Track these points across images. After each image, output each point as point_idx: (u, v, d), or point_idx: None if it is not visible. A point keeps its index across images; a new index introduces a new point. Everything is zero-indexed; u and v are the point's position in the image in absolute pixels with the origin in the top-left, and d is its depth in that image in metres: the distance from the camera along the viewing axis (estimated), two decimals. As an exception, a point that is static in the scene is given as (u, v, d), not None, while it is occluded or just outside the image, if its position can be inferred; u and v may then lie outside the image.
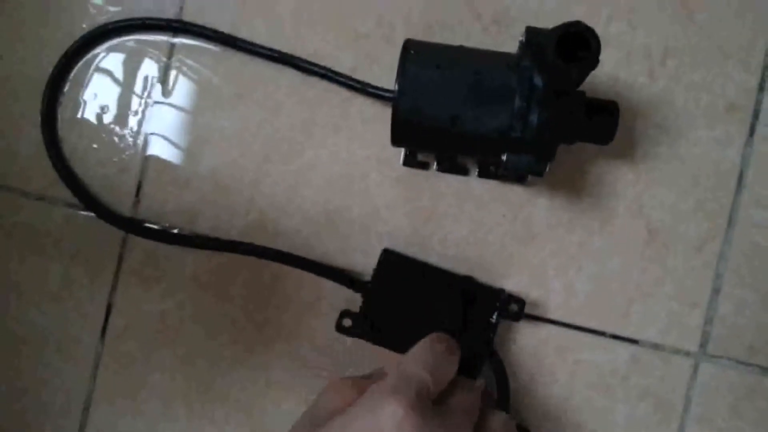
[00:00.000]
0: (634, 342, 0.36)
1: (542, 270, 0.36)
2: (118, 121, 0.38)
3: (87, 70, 0.38)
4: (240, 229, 0.37)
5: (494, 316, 0.34)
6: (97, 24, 0.37)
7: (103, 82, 0.38)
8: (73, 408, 0.38)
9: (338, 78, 0.36)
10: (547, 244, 0.36)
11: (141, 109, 0.38)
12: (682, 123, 0.36)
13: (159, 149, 0.37)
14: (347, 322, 0.35)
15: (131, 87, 0.38)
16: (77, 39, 0.37)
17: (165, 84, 0.37)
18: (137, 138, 0.38)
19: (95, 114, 0.38)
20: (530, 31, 0.29)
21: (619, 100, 0.32)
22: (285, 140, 0.37)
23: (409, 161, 0.36)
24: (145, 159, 0.38)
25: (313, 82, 0.37)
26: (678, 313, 0.36)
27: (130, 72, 0.38)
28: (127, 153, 0.38)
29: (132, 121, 0.38)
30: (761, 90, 0.35)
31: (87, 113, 0.38)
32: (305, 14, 0.37)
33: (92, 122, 0.38)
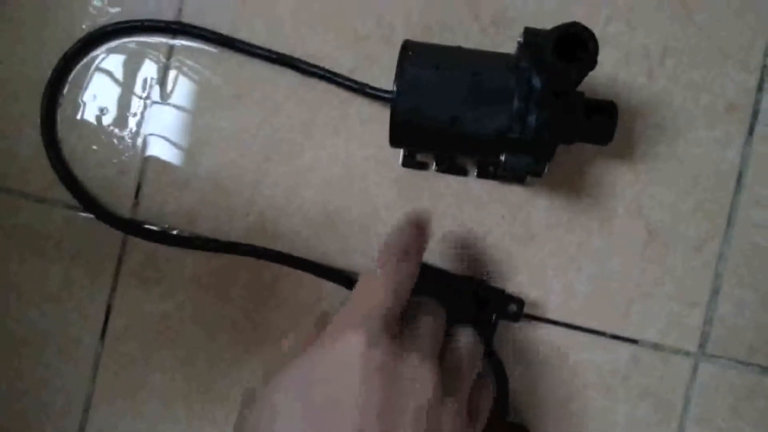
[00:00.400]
0: (634, 342, 0.36)
1: (541, 270, 0.36)
2: (118, 123, 0.38)
3: (86, 72, 0.38)
4: (239, 230, 0.37)
5: (493, 317, 0.34)
6: (97, 25, 0.37)
7: (103, 84, 0.38)
8: (73, 408, 0.38)
9: (337, 79, 0.36)
10: (547, 245, 0.36)
11: (140, 111, 0.38)
12: (682, 123, 0.36)
13: (158, 150, 0.38)
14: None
15: (131, 88, 0.38)
16: (77, 40, 0.37)
17: (164, 85, 0.38)
18: (137, 139, 0.38)
19: (95, 115, 0.38)
20: (528, 32, 0.29)
21: (618, 101, 0.33)
22: (284, 141, 0.37)
23: (408, 162, 0.36)
24: (145, 160, 0.38)
25: (313, 83, 0.37)
26: (677, 313, 0.36)
27: (130, 73, 0.38)
28: (127, 154, 0.38)
29: (131, 123, 0.38)
30: (760, 90, 0.35)
31: (86, 114, 0.38)
32: (305, 15, 0.37)
33: (92, 123, 0.38)
